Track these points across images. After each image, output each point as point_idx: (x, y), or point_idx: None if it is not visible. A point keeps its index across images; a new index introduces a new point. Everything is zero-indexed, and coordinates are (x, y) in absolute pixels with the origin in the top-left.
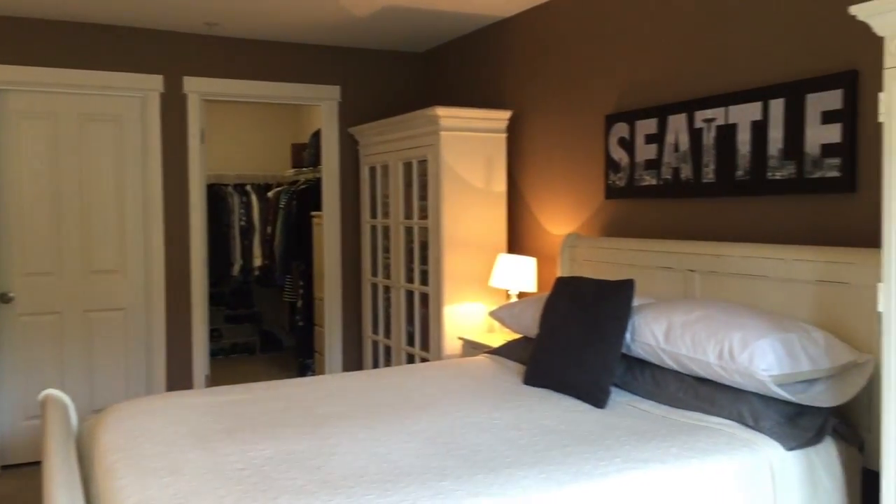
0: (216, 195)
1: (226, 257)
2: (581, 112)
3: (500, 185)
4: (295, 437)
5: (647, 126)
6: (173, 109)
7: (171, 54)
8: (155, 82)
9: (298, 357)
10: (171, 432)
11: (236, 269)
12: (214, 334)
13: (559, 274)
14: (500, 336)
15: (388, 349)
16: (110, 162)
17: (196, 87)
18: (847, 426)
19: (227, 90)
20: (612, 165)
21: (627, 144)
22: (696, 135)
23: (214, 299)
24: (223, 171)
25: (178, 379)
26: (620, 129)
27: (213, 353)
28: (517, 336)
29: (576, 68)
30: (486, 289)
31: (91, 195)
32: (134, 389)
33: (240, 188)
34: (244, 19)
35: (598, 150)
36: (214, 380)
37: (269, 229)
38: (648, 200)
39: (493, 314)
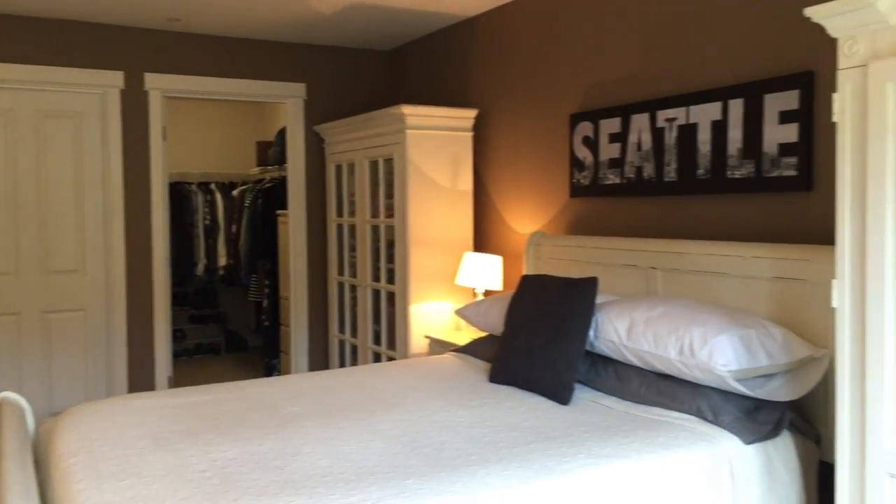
0: (180, 194)
1: (190, 257)
2: (546, 111)
3: (467, 184)
4: (258, 438)
5: (611, 125)
6: (134, 106)
7: (132, 50)
8: (115, 79)
9: (264, 357)
10: (131, 435)
11: (200, 268)
12: (178, 335)
13: (525, 272)
14: (466, 334)
15: (354, 348)
16: (69, 160)
17: (158, 84)
18: (804, 420)
19: (189, 87)
20: (576, 164)
21: (592, 143)
22: (658, 134)
23: (178, 299)
24: (187, 170)
25: (140, 380)
26: (585, 129)
27: (177, 354)
28: (483, 334)
29: (541, 68)
30: (452, 287)
31: (49, 193)
32: (94, 392)
33: (204, 186)
34: (207, 15)
35: (562, 148)
36: (178, 381)
37: (233, 228)
38: (612, 199)
39: (458, 312)
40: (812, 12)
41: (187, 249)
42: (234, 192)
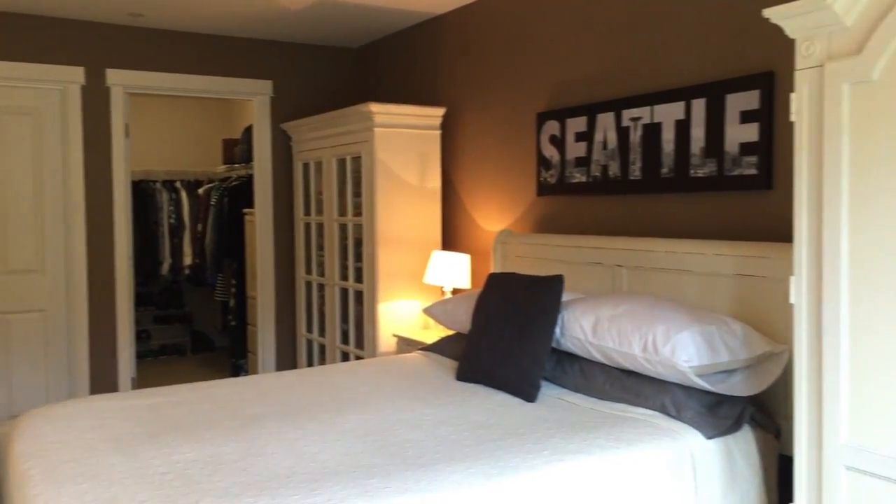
0: (144, 192)
1: (154, 256)
2: (513, 109)
3: (435, 182)
4: (221, 439)
5: (577, 124)
6: (95, 103)
7: (93, 45)
8: (75, 74)
9: (231, 357)
10: (91, 437)
11: (165, 267)
12: (143, 335)
13: (493, 270)
14: (435, 333)
15: (322, 348)
16: (28, 157)
17: (120, 80)
18: (764, 414)
19: (153, 83)
20: (543, 163)
21: (558, 142)
22: (623, 133)
23: (143, 299)
24: (151, 167)
25: (103, 382)
26: (551, 127)
27: (142, 355)
28: (451, 332)
29: (508, 66)
30: (420, 286)
31: (7, 192)
32: (55, 394)
33: (169, 185)
34: (170, 10)
35: (530, 147)
36: (142, 382)
37: (199, 227)
38: (579, 197)
39: (426, 311)
40: (771, 13)
41: (152, 249)
42: (200, 191)
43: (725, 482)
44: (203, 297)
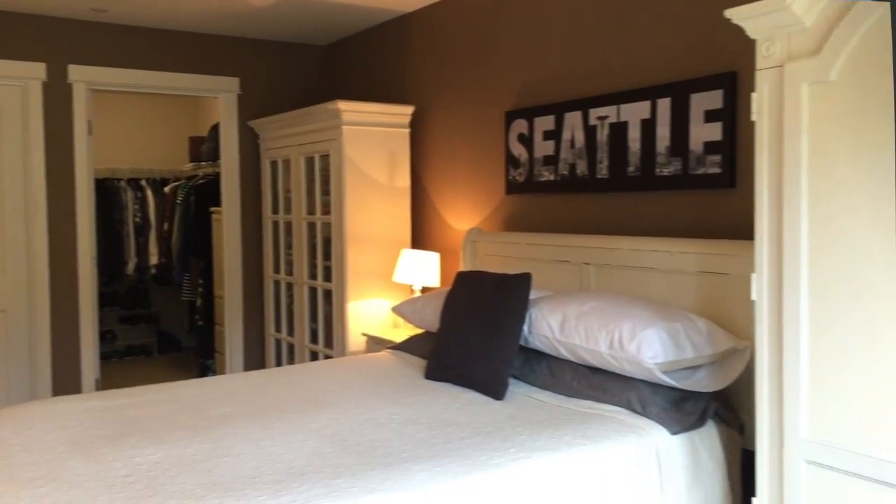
0: (108, 190)
1: (119, 255)
2: (482, 108)
3: (404, 181)
4: (186, 441)
5: (545, 123)
6: (57, 99)
7: (55, 41)
8: (37, 70)
9: (199, 358)
10: (52, 439)
11: (131, 267)
12: (108, 336)
13: (462, 268)
14: (404, 331)
15: (291, 347)
16: None
17: (82, 76)
18: (728, 410)
19: (117, 80)
20: (512, 161)
21: (526, 140)
22: (590, 132)
23: (108, 299)
24: (116, 165)
25: (66, 384)
26: (520, 126)
27: (107, 356)
28: (420, 331)
29: (476, 65)
30: (390, 284)
31: None
32: (16, 396)
33: (134, 183)
34: (134, 6)
35: (498, 146)
36: (107, 383)
37: (166, 226)
38: (547, 195)
39: (395, 310)
40: (732, 13)
41: (117, 248)
42: (166, 189)
43: (690, 477)
44: (170, 296)
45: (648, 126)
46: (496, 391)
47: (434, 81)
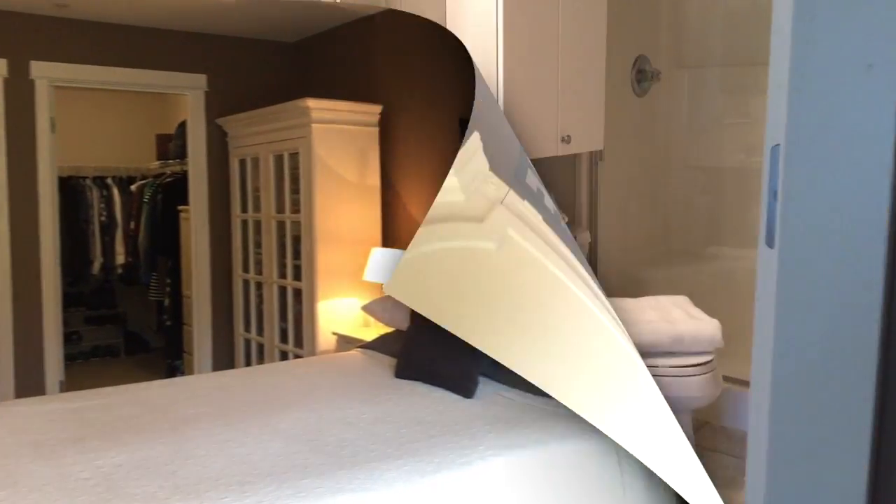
0: (73, 189)
1: (85, 255)
2: (441, 111)
3: (374, 179)
4: (149, 443)
5: None
6: (19, 96)
7: (16, 37)
8: None
9: (167, 358)
10: (10, 443)
11: (96, 266)
12: (73, 337)
13: None
14: (375, 330)
15: (261, 347)
16: None
17: (45, 73)
18: None
19: (80, 76)
20: None
21: None
22: None
23: (73, 300)
24: (81, 163)
25: (29, 386)
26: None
27: (72, 357)
28: (390, 330)
29: (435, 68)
30: (360, 283)
31: None
32: None
33: (100, 181)
34: (97, 1)
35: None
36: (72, 385)
37: (132, 225)
38: None
39: (365, 308)
40: None
41: (82, 247)
42: (133, 187)
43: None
44: (137, 296)
45: None
46: (466, 389)
47: (400, 82)
